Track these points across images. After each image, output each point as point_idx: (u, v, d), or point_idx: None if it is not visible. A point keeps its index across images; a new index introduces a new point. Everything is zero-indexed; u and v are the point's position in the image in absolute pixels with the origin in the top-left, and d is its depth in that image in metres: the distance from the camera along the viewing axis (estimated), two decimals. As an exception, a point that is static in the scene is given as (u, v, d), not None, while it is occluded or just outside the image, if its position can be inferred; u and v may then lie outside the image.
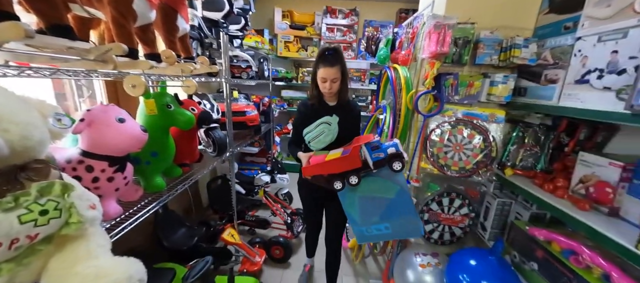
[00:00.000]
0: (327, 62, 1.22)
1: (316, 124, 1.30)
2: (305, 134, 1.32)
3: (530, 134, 1.32)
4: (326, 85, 1.25)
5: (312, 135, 1.30)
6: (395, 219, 1.18)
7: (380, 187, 1.15)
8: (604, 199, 0.93)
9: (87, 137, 0.78)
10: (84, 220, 0.53)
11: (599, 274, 0.86)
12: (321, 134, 1.29)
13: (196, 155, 1.38)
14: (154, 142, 1.00)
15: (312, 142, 1.30)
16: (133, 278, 0.52)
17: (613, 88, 0.85)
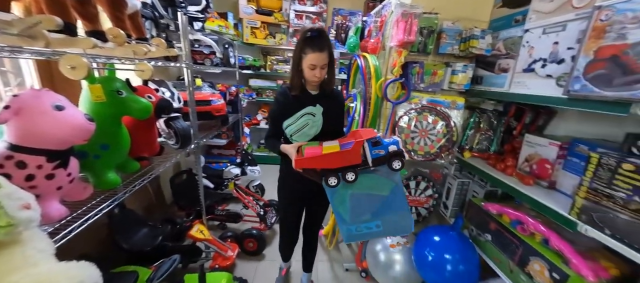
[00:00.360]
0: (316, 46, 1.08)
1: (299, 115, 1.17)
2: (286, 127, 1.19)
3: (485, 119, 1.45)
4: (315, 73, 1.12)
5: (294, 128, 1.18)
6: (388, 216, 1.12)
7: (375, 184, 1.08)
8: (544, 175, 1.07)
9: (15, 127, 0.66)
10: (15, 223, 0.45)
11: (540, 239, 0.98)
12: (305, 126, 1.18)
13: (156, 148, 1.26)
14: (104, 133, 0.88)
15: (295, 135, 1.19)
16: None
17: (554, 76, 0.96)
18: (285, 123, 1.19)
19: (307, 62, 1.10)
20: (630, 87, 0.69)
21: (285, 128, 1.19)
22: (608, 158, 0.74)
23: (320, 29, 1.11)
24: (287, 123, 1.19)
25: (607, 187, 0.74)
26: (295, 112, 1.17)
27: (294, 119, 1.18)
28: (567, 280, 0.84)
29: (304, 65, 1.12)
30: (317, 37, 1.09)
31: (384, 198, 1.10)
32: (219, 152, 3.16)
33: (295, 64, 1.15)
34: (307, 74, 1.14)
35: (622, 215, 0.70)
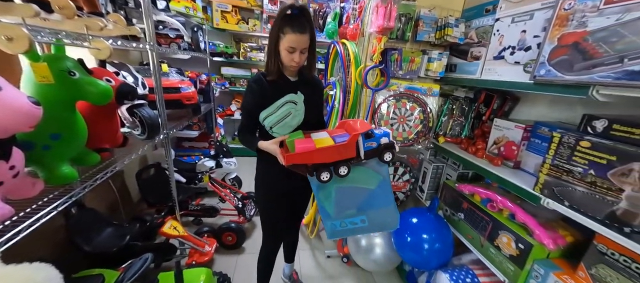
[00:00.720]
0: (297, 27, 0.95)
1: (279, 104, 1.06)
2: (265, 118, 1.07)
3: (457, 106, 1.52)
4: (294, 57, 0.99)
5: (275, 118, 1.07)
6: (374, 211, 1.09)
7: (362, 177, 1.04)
8: (511, 155, 1.15)
9: None
10: None
11: (507, 214, 1.07)
12: (287, 116, 1.07)
13: (118, 139, 1.14)
14: (54, 120, 0.77)
15: (276, 126, 1.07)
16: None
17: (521, 62, 1.02)
18: (262, 114, 1.07)
19: (286, 44, 0.97)
20: (589, 71, 0.75)
21: (264, 119, 1.07)
22: (568, 137, 0.81)
23: (302, 6, 0.97)
24: (266, 114, 1.07)
25: (567, 163, 0.81)
26: (273, 101, 1.06)
27: (273, 108, 1.06)
28: (531, 249, 0.92)
29: (281, 46, 0.99)
30: (297, 16, 0.96)
31: (370, 192, 1.07)
32: (191, 145, 2.98)
33: (272, 45, 1.01)
34: (284, 58, 1.02)
35: (579, 187, 0.78)
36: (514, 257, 0.99)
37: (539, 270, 0.92)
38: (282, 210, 1.26)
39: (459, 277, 1.17)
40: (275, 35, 0.99)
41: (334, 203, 1.05)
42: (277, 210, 1.25)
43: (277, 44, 1.00)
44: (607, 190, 0.71)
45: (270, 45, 1.02)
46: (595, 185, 0.74)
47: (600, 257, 0.80)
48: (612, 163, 0.70)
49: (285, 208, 1.26)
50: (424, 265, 1.30)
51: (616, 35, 0.69)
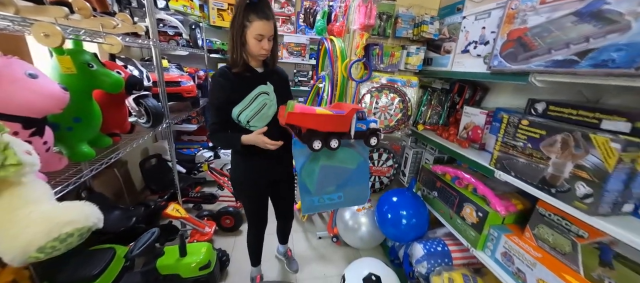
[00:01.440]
0: (262, 14, 0.94)
1: (252, 97, 1.04)
2: (239, 113, 1.04)
3: (435, 96, 1.66)
4: (263, 45, 0.99)
5: (251, 112, 1.04)
6: (350, 188, 1.19)
7: (347, 158, 1.13)
8: (476, 138, 1.30)
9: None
10: (23, 163, 0.50)
11: (471, 189, 1.22)
12: (263, 107, 1.07)
13: (127, 126, 1.27)
14: (76, 105, 0.90)
15: (253, 120, 1.06)
16: (90, 217, 0.53)
17: (482, 55, 1.16)
18: (236, 109, 1.04)
19: (253, 32, 0.96)
20: (528, 61, 0.90)
21: (238, 115, 1.05)
22: (513, 117, 0.96)
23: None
24: (240, 108, 1.04)
25: (513, 139, 0.96)
26: (243, 95, 1.04)
27: (246, 101, 1.04)
28: (487, 216, 1.07)
29: (248, 36, 0.97)
30: (260, 2, 0.95)
31: (350, 172, 1.16)
32: (190, 138, 3.11)
33: (237, 36, 0.98)
34: (253, 48, 0.99)
35: (521, 159, 0.93)
36: (475, 225, 1.14)
37: (494, 234, 1.07)
38: (266, 199, 1.32)
39: (431, 246, 1.32)
40: (239, 25, 0.97)
41: (317, 181, 1.15)
42: (260, 200, 1.29)
43: (243, 34, 0.98)
44: (540, 159, 0.86)
45: (235, 36, 0.99)
46: (532, 156, 0.89)
47: (541, 218, 0.95)
48: (543, 137, 0.85)
49: (268, 196, 1.33)
50: (403, 238, 1.45)
51: (546, 30, 0.84)
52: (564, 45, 0.78)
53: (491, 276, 1.08)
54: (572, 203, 0.77)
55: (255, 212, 1.34)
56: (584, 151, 0.73)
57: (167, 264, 1.25)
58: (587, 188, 0.73)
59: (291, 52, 3.64)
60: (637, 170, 0.68)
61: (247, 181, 1.21)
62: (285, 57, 3.63)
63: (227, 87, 1.03)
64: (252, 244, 1.46)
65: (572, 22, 0.76)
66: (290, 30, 3.59)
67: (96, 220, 0.55)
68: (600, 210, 0.72)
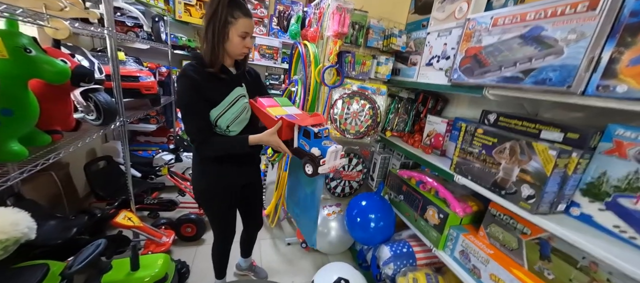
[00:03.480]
0: (245, 11, 0.92)
1: (230, 101, 0.98)
2: (218, 118, 0.97)
3: (402, 105, 1.76)
4: (247, 43, 0.96)
5: (230, 116, 0.99)
6: (303, 213, 1.14)
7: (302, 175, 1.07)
8: (438, 145, 1.40)
9: None
10: None
11: (434, 192, 1.30)
12: (242, 112, 1.02)
13: (71, 122, 1.11)
14: (6, 96, 0.77)
15: (233, 124, 1.00)
16: (18, 226, 0.44)
17: (443, 68, 1.27)
18: (213, 113, 0.97)
19: (239, 29, 0.91)
20: (482, 76, 1.00)
21: (216, 119, 0.98)
22: (471, 127, 1.05)
23: None
24: (218, 113, 0.97)
25: (469, 146, 1.05)
26: (217, 97, 0.97)
27: (224, 105, 0.98)
28: (447, 217, 1.16)
29: (232, 33, 0.92)
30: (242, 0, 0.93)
31: (304, 193, 1.11)
32: (147, 140, 2.85)
33: (218, 33, 0.91)
34: (235, 46, 0.94)
35: (477, 164, 1.02)
36: (436, 226, 1.21)
37: (453, 234, 1.15)
38: (234, 207, 1.24)
39: (397, 248, 1.38)
40: (222, 21, 0.90)
41: (288, 181, 1.15)
42: (232, 208, 1.22)
43: (224, 31, 0.92)
44: (492, 164, 0.95)
45: (215, 33, 0.91)
46: (485, 161, 0.98)
47: (492, 218, 1.05)
48: (495, 144, 0.94)
49: (237, 203, 1.25)
50: (371, 241, 1.49)
51: (497, 49, 0.94)
52: (511, 63, 0.88)
53: (451, 274, 1.16)
54: (518, 203, 0.86)
55: (226, 221, 1.24)
56: (528, 157, 0.83)
57: (116, 280, 1.11)
58: (530, 190, 0.82)
59: (263, 55, 3.58)
60: (568, 174, 0.79)
61: (218, 189, 1.12)
62: (256, 59, 3.55)
63: (201, 87, 0.94)
64: (220, 256, 1.36)
65: (518, 44, 0.87)
66: (262, 32, 3.53)
67: (26, 229, 0.46)
68: (540, 209, 0.81)
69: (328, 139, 0.97)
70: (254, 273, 1.62)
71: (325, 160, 0.92)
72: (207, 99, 0.96)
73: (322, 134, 0.96)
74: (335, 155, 0.96)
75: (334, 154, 0.94)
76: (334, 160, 0.96)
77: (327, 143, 0.96)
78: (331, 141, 0.97)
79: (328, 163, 0.93)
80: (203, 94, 0.95)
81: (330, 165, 0.94)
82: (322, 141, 0.96)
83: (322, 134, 0.96)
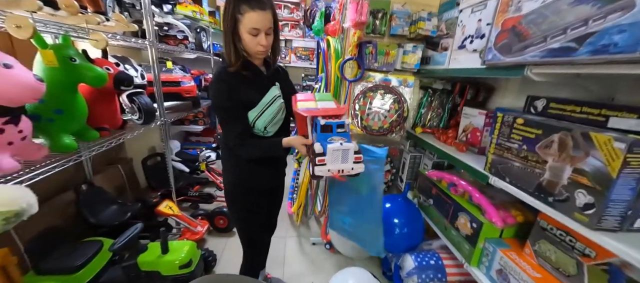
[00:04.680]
0: (258, 3, 0.81)
1: (267, 102, 0.94)
2: (255, 119, 0.94)
3: (436, 97, 1.56)
4: (261, 41, 0.85)
5: (268, 118, 0.94)
6: (361, 221, 1.00)
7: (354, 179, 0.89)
8: (475, 141, 1.18)
9: (-37, 83, 0.71)
10: None
11: (467, 197, 1.10)
12: (278, 112, 0.96)
13: (118, 121, 1.30)
14: (57, 98, 0.93)
15: (270, 126, 0.96)
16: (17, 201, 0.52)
17: (478, 49, 1.06)
18: (251, 115, 0.94)
19: (247, 26, 0.83)
20: (523, 52, 0.80)
21: (254, 121, 0.94)
22: (508, 116, 0.85)
23: None
24: (255, 114, 0.93)
25: (507, 141, 0.85)
26: (252, 99, 0.93)
27: (261, 106, 0.94)
28: (481, 227, 0.96)
29: (242, 30, 0.84)
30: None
31: (359, 197, 0.95)
32: (198, 139, 3.19)
33: (229, 32, 0.85)
34: (249, 44, 0.86)
35: (516, 163, 0.81)
36: (469, 236, 1.02)
37: (489, 248, 0.95)
38: (263, 214, 1.16)
39: (423, 258, 1.21)
40: (230, 18, 0.84)
41: (329, 189, 1.08)
42: (258, 214, 1.13)
43: (235, 29, 0.85)
44: (536, 163, 0.75)
45: (227, 32, 0.87)
46: (527, 159, 0.77)
47: (542, 232, 0.83)
48: (539, 137, 0.74)
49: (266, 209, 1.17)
50: (393, 248, 1.34)
51: (541, 16, 0.74)
52: (560, 30, 0.68)
53: (486, 296, 0.95)
54: (571, 214, 0.65)
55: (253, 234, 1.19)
56: (584, 152, 0.62)
57: (148, 260, 1.24)
58: (587, 197, 0.61)
59: (299, 57, 3.67)
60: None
61: (246, 196, 1.07)
62: (293, 61, 3.66)
63: (237, 90, 0.90)
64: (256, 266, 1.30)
65: (568, 5, 0.66)
66: (299, 34, 3.62)
67: (26, 205, 0.54)
68: (604, 224, 0.60)
69: (344, 135, 0.79)
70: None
71: (324, 159, 0.75)
72: (243, 101, 0.92)
73: (334, 127, 0.78)
74: (341, 155, 0.76)
75: (338, 153, 0.75)
76: (340, 162, 0.77)
77: (336, 139, 0.78)
78: (346, 138, 0.79)
79: (330, 164, 0.76)
80: (239, 97, 0.91)
81: (333, 166, 0.76)
82: (331, 136, 0.78)
83: (332, 127, 0.78)
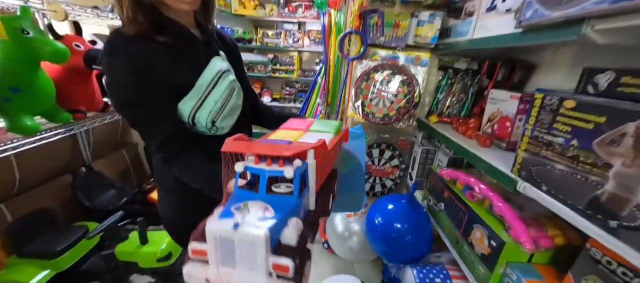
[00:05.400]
0: None
1: (209, 81, 0.63)
2: (194, 113, 0.62)
3: (457, 80, 1.28)
4: None
5: (214, 105, 0.63)
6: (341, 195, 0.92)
7: None
8: (503, 134, 0.91)
9: None
10: None
11: (487, 205, 0.85)
12: (230, 95, 0.67)
13: (97, 104, 1.24)
14: (11, 75, 0.86)
15: (220, 117, 0.65)
16: None
17: (513, 9, 0.78)
18: (184, 108, 0.62)
19: None
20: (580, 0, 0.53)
21: (192, 116, 0.62)
22: (551, 97, 0.59)
23: None
24: (192, 104, 0.62)
25: (547, 132, 0.59)
26: (189, 77, 0.62)
27: (201, 89, 0.62)
28: (502, 248, 0.72)
29: None
30: None
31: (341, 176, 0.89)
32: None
33: None
34: None
35: (559, 165, 0.56)
36: (485, 256, 0.78)
37: (512, 276, 0.71)
38: None
39: (427, 275, 0.99)
40: None
41: None
42: None
43: None
44: (591, 166, 0.49)
45: None
46: (577, 160, 0.52)
47: (593, 265, 0.57)
48: (600, 128, 0.48)
49: None
50: (394, 257, 1.14)
51: None
52: (652, -50, 0.41)
53: (505, 338, 0.72)
54: (651, 252, 0.40)
55: None
56: (686, 154, 0.36)
57: (125, 251, 1.19)
58: (688, 230, 0.36)
59: (314, 40, 3.44)
60: None
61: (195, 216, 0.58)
62: (306, 45, 3.45)
63: (154, 69, 0.57)
64: None
65: None
66: (313, 15, 3.38)
67: None
68: None
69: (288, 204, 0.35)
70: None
71: (204, 249, 0.31)
72: (166, 86, 0.60)
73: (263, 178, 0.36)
74: (238, 252, 0.30)
75: (230, 247, 0.30)
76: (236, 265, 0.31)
77: (258, 208, 0.34)
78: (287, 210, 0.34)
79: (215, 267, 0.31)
80: (160, 80, 0.58)
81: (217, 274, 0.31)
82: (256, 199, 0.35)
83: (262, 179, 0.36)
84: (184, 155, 0.61)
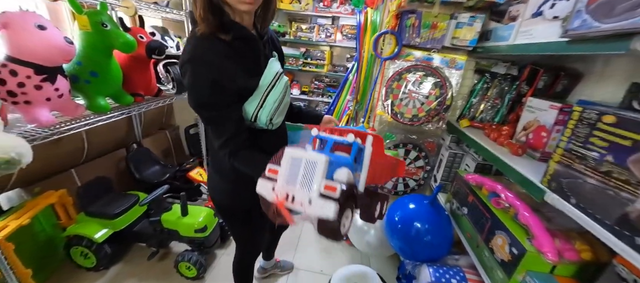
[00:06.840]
0: None
1: (269, 82, 0.68)
2: (256, 113, 0.69)
3: (495, 84, 1.24)
4: None
5: (272, 104, 0.69)
6: None
7: None
8: (538, 144, 0.90)
9: (8, 41, 0.81)
10: None
11: (513, 214, 0.85)
12: (285, 94, 0.73)
13: (153, 88, 1.40)
14: (92, 61, 1.02)
15: (276, 115, 0.72)
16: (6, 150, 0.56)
17: (561, 16, 0.76)
18: (248, 108, 0.68)
19: None
20: (633, 14, 0.51)
21: (255, 115, 0.69)
22: (590, 111, 0.58)
23: None
24: (255, 104, 0.68)
25: (582, 146, 0.59)
26: (252, 79, 0.67)
27: (263, 90, 0.68)
28: (523, 256, 0.72)
29: None
30: None
31: None
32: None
33: None
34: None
35: (590, 179, 0.56)
36: (505, 263, 0.79)
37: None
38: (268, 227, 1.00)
39: (443, 275, 1.01)
40: None
41: None
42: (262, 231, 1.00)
43: None
44: (624, 183, 0.49)
45: None
46: (609, 176, 0.52)
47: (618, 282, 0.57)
48: (639, 145, 0.48)
49: None
50: (412, 255, 1.17)
51: (679, -52, 0.45)
52: None
53: (518, 344, 0.74)
54: (678, 273, 0.41)
55: (250, 236, 1.00)
56: None
57: (169, 220, 1.35)
58: None
59: (346, 35, 3.45)
60: None
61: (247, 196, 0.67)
62: (339, 40, 3.46)
63: (227, 73, 0.63)
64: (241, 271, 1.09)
65: None
66: (347, 11, 3.38)
67: (15, 154, 0.58)
68: None
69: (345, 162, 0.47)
70: (280, 269, 1.52)
71: (277, 170, 0.46)
72: (239, 89, 0.66)
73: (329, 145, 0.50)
74: (302, 171, 0.44)
75: (298, 166, 0.44)
76: (298, 184, 0.43)
77: None
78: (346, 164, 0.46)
79: (282, 180, 0.45)
80: (233, 85, 0.64)
81: (283, 186, 0.45)
82: None
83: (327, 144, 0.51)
84: (245, 149, 0.69)
